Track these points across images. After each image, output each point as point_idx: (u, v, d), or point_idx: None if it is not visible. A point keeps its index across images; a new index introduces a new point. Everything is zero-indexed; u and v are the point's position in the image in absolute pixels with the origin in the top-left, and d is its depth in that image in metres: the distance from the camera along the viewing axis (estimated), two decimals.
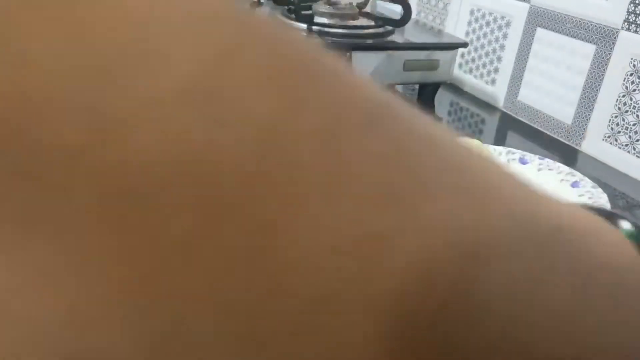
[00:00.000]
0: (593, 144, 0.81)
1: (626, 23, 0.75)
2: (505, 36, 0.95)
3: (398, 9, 0.91)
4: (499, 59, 0.96)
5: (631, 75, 0.75)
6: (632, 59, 0.74)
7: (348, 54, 0.81)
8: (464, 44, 0.94)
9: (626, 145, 0.76)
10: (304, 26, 0.85)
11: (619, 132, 0.77)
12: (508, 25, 0.94)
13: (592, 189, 0.64)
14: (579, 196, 0.63)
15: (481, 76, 1.01)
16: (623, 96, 0.76)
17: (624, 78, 0.76)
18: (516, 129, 0.90)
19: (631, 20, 0.74)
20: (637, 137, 0.75)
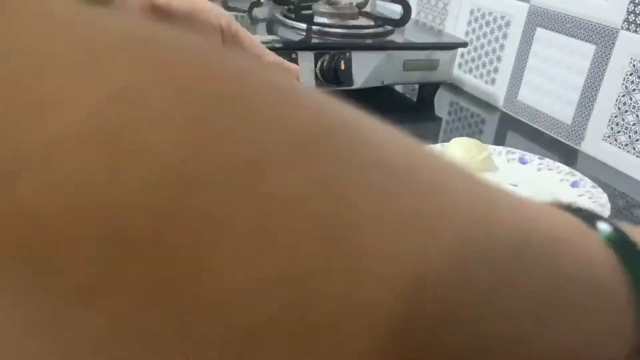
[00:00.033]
0: (593, 144, 0.81)
1: (626, 23, 0.75)
2: (505, 36, 0.95)
3: (398, 9, 0.91)
4: (499, 59, 0.96)
5: (631, 75, 0.75)
6: (632, 59, 0.74)
7: (348, 54, 0.81)
8: (464, 44, 0.94)
9: (626, 145, 0.76)
10: (304, 25, 0.85)
11: (619, 132, 0.77)
12: (508, 25, 0.94)
13: (592, 189, 0.64)
14: (579, 196, 0.63)
15: (481, 76, 1.01)
16: (623, 96, 0.76)
17: (624, 78, 0.76)
18: (516, 129, 0.90)
19: (631, 20, 0.74)
20: (637, 137, 0.75)
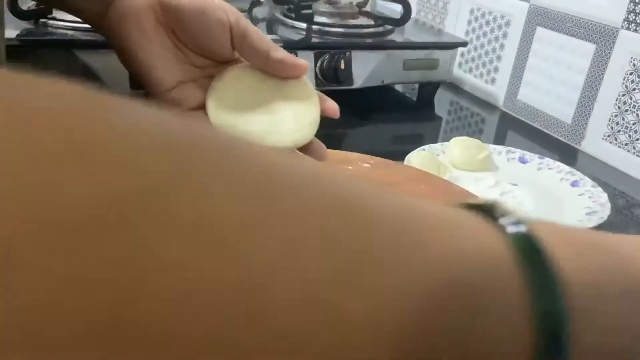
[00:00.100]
0: (593, 143, 0.81)
1: (626, 22, 0.75)
2: (505, 35, 0.95)
3: (398, 8, 0.91)
4: (499, 58, 0.96)
5: (631, 74, 0.75)
6: (632, 58, 0.74)
7: (348, 53, 0.81)
8: (464, 43, 0.94)
9: (626, 144, 0.76)
10: (304, 25, 0.85)
11: (619, 131, 0.77)
12: (508, 24, 0.94)
13: (592, 188, 0.64)
14: (579, 195, 0.63)
15: (481, 75, 1.01)
16: (623, 95, 0.76)
17: (624, 77, 0.76)
18: (516, 128, 0.90)
19: (631, 19, 0.74)
20: (637, 136, 0.75)
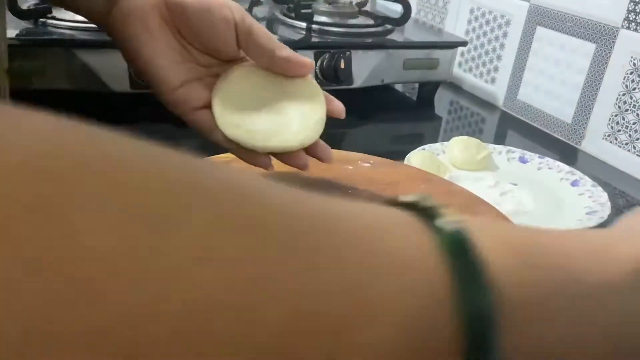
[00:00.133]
0: (593, 143, 0.81)
1: (626, 21, 0.75)
2: (505, 35, 0.95)
3: (398, 8, 0.91)
4: (499, 58, 0.96)
5: (631, 73, 0.75)
6: (632, 58, 0.74)
7: (348, 53, 0.81)
8: (464, 43, 0.94)
9: (626, 143, 0.76)
10: (304, 24, 0.84)
11: (619, 131, 0.77)
12: (508, 23, 0.94)
13: (592, 188, 0.64)
14: (579, 195, 0.63)
15: (481, 75, 1.01)
16: (623, 95, 0.76)
17: (624, 76, 0.76)
18: (516, 128, 0.90)
19: (631, 18, 0.74)
20: (637, 136, 0.75)
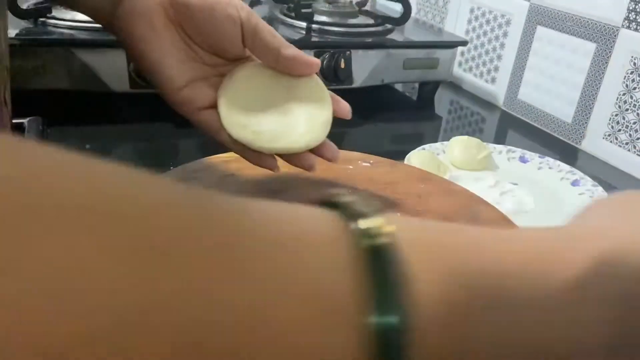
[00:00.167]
0: (593, 143, 0.81)
1: (626, 21, 0.75)
2: (505, 34, 0.95)
3: (398, 7, 0.91)
4: (499, 58, 0.96)
5: (631, 73, 0.75)
6: (633, 57, 0.74)
7: (348, 52, 0.81)
8: (464, 42, 0.94)
9: (626, 143, 0.76)
10: (304, 24, 0.84)
11: (619, 131, 0.77)
12: (508, 23, 0.94)
13: (593, 188, 0.64)
14: (579, 194, 0.63)
15: (481, 75, 1.00)
16: (623, 94, 0.76)
17: (624, 76, 0.75)
18: (516, 128, 0.90)
19: (631, 18, 0.74)
20: (638, 136, 0.75)
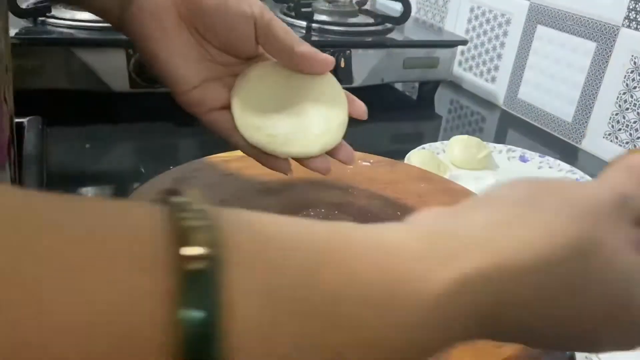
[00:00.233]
0: (593, 142, 0.81)
1: (627, 20, 0.75)
2: (505, 34, 0.94)
3: (398, 7, 0.91)
4: (499, 57, 0.96)
5: (632, 72, 0.75)
6: (633, 56, 0.74)
7: (348, 52, 0.81)
8: (464, 42, 0.94)
9: (627, 142, 0.76)
10: (304, 23, 0.84)
11: (620, 130, 0.77)
12: (508, 22, 0.94)
13: None
14: None
15: (481, 74, 1.00)
16: (624, 93, 0.76)
17: (625, 75, 0.75)
18: (516, 127, 0.90)
19: (632, 17, 0.74)
20: (638, 135, 0.75)
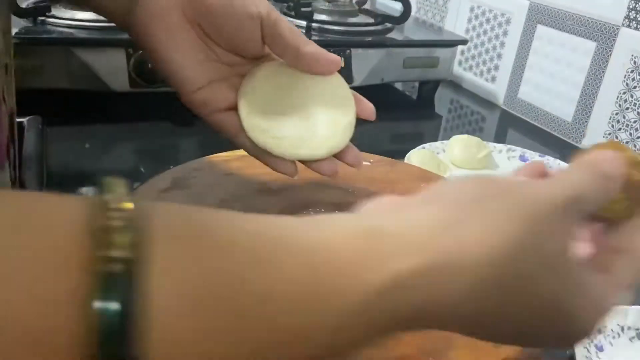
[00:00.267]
0: (593, 141, 0.80)
1: (627, 20, 0.75)
2: (505, 33, 0.94)
3: (398, 6, 0.91)
4: (499, 56, 0.96)
5: (632, 72, 0.74)
6: (633, 56, 0.74)
7: (347, 51, 0.81)
8: (464, 41, 0.94)
9: (627, 142, 0.76)
10: (304, 23, 0.84)
11: (620, 129, 0.77)
12: (508, 22, 0.94)
13: None
14: None
15: (481, 73, 1.00)
16: (624, 93, 0.76)
17: (625, 75, 0.75)
18: (516, 127, 0.90)
19: (632, 17, 0.74)
20: (638, 134, 0.75)
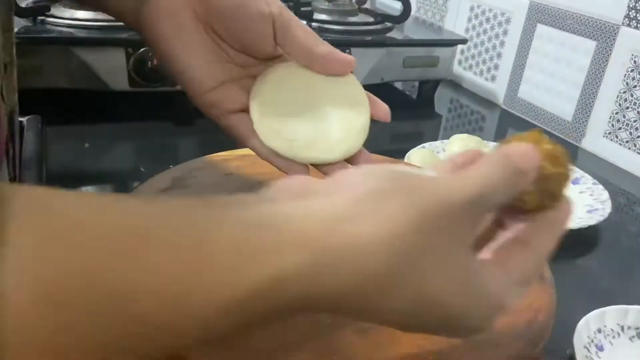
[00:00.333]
0: (593, 141, 0.81)
1: (627, 19, 0.75)
2: (505, 32, 0.94)
3: (397, 6, 0.91)
4: (499, 56, 0.96)
5: (632, 71, 0.74)
6: (633, 55, 0.74)
7: (347, 51, 0.80)
8: (464, 41, 0.94)
9: (627, 141, 0.76)
10: (304, 22, 0.84)
11: (620, 129, 0.77)
12: (508, 21, 0.93)
13: (593, 186, 0.64)
14: (580, 193, 0.63)
15: (481, 73, 1.00)
16: (624, 92, 0.76)
17: (625, 74, 0.75)
18: (516, 126, 0.90)
19: (632, 16, 0.74)
20: (638, 134, 0.74)
